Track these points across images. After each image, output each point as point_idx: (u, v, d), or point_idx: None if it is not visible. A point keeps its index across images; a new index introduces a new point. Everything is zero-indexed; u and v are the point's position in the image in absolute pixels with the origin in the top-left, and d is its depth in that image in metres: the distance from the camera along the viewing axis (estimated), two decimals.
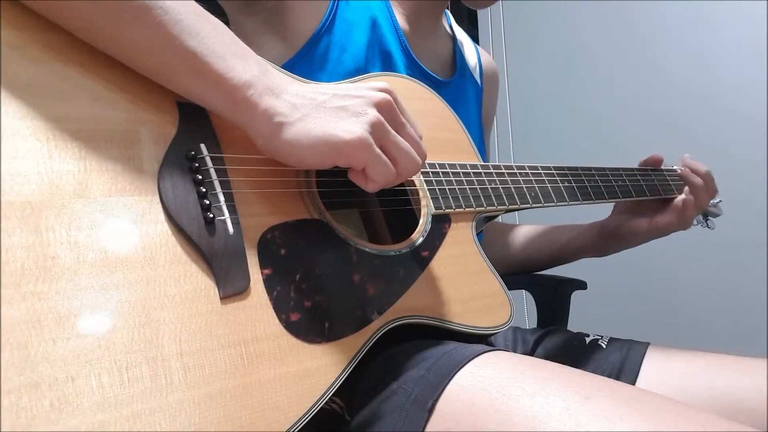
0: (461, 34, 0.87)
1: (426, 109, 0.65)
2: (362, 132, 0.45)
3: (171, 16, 0.41)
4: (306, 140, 0.44)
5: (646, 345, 0.66)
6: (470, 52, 0.87)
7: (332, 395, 0.43)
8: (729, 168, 1.52)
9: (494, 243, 0.91)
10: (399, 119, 0.49)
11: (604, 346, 0.69)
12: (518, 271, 0.93)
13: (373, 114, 0.46)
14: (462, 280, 0.56)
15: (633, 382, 0.62)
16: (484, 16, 2.17)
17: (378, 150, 0.46)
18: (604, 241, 0.86)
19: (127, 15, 0.41)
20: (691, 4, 1.65)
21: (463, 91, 0.81)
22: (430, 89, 0.66)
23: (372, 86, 0.49)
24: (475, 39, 2.15)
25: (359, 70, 0.66)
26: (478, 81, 0.87)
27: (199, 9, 0.44)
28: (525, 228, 0.97)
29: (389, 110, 0.48)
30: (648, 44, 1.73)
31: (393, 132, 0.48)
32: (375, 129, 0.46)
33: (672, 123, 1.67)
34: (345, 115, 0.45)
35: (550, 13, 1.96)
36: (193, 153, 0.44)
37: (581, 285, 0.93)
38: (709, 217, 0.98)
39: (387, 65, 0.70)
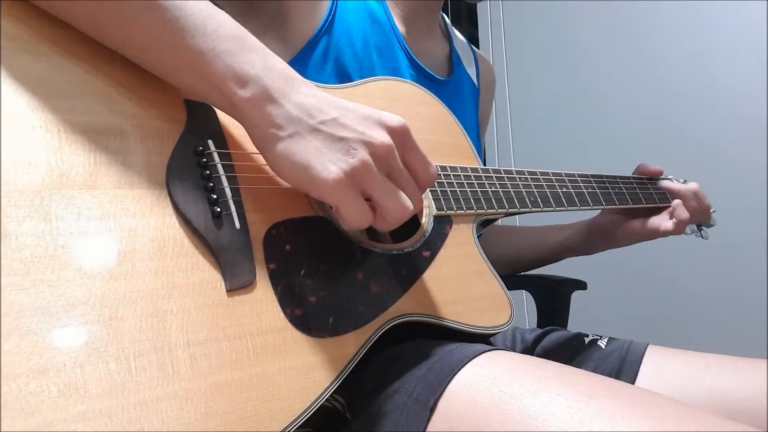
0: (456, 35, 0.88)
1: (428, 114, 0.66)
2: (339, 173, 0.42)
3: (173, 14, 0.41)
4: (288, 161, 0.43)
5: (646, 345, 0.66)
6: (466, 52, 0.88)
7: (334, 393, 0.43)
8: (729, 168, 1.55)
9: (483, 243, 0.92)
10: (395, 165, 0.46)
11: (604, 346, 0.69)
12: (506, 272, 0.93)
13: (361, 157, 0.43)
14: (463, 280, 0.57)
15: (632, 382, 0.62)
16: (483, 16, 2.18)
17: (353, 194, 0.43)
18: (594, 239, 0.87)
19: (129, 13, 0.41)
20: (691, 4, 1.67)
21: (460, 91, 0.83)
22: (432, 94, 0.67)
23: (383, 122, 0.45)
24: (475, 39, 2.18)
25: (358, 71, 0.67)
26: (475, 82, 0.88)
27: (205, 5, 0.43)
28: (512, 228, 0.98)
29: (384, 156, 0.44)
30: (648, 44, 1.74)
31: (381, 177, 0.44)
32: (357, 172, 0.43)
33: (672, 123, 1.68)
34: (335, 147, 0.43)
35: (550, 13, 1.98)
36: (201, 148, 0.45)
37: (581, 285, 0.94)
38: (703, 227, 1.00)
39: (387, 65, 0.71)
